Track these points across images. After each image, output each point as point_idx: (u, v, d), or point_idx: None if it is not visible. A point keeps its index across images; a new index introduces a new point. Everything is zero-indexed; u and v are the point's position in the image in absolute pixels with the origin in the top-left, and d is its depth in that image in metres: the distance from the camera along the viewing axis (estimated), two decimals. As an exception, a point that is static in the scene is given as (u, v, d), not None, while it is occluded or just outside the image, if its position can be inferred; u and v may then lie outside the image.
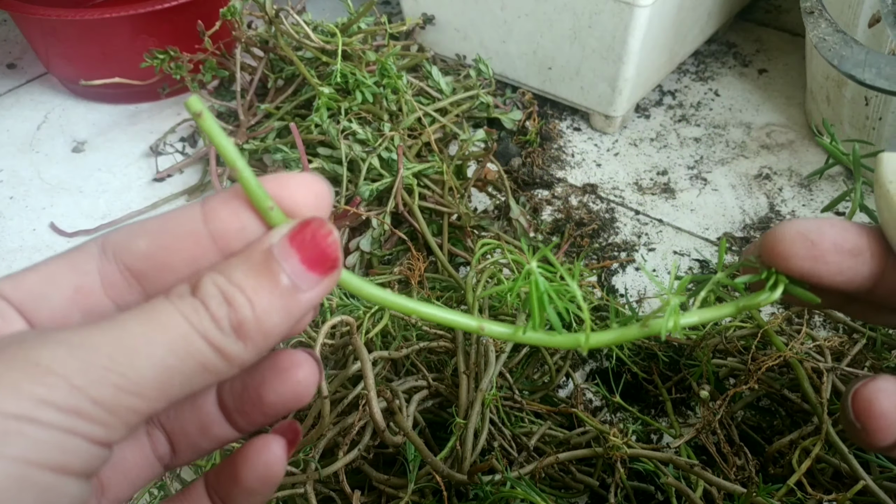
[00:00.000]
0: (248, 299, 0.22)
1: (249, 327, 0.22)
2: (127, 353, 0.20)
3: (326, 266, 0.23)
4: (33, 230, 0.88)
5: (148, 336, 0.21)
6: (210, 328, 0.21)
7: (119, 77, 0.97)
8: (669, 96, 1.08)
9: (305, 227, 0.23)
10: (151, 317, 0.21)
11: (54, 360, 0.20)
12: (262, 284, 0.22)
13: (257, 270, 0.22)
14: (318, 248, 0.23)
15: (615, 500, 0.54)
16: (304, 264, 0.23)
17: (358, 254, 0.76)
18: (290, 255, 0.23)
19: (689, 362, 0.67)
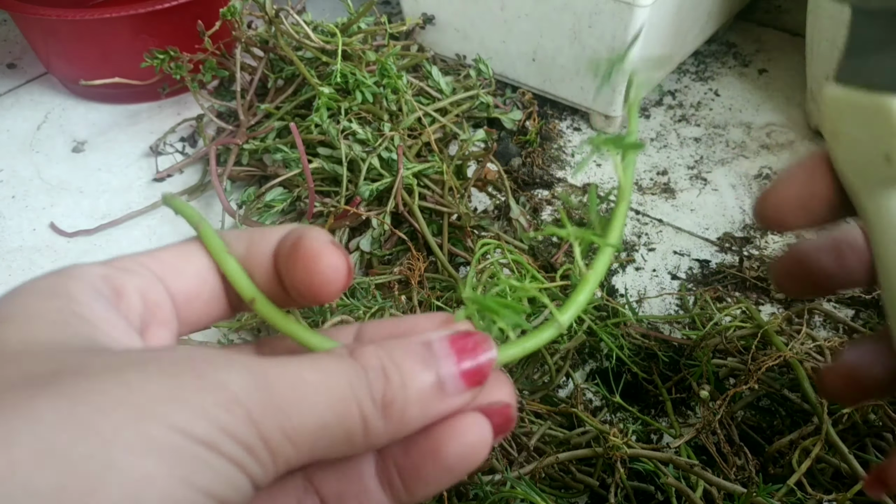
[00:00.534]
0: (403, 381, 0.22)
1: (395, 408, 0.21)
2: (298, 399, 0.20)
3: (478, 381, 0.23)
4: (33, 230, 0.88)
5: (318, 388, 0.20)
6: (365, 397, 0.21)
7: (119, 77, 0.96)
8: (669, 96, 1.08)
9: (469, 335, 0.23)
10: (322, 369, 0.21)
11: (241, 389, 0.19)
12: (416, 371, 0.22)
13: (415, 357, 0.22)
14: (476, 360, 0.23)
15: (615, 500, 0.54)
16: (458, 370, 0.22)
17: (358, 254, 0.76)
18: (448, 356, 0.22)
19: (689, 362, 0.67)
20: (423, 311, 0.67)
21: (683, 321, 0.74)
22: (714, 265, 0.82)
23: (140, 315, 0.23)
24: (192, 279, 0.25)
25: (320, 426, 0.20)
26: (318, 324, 0.65)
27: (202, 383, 0.19)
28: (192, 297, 0.25)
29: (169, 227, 0.88)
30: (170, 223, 0.89)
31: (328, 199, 0.80)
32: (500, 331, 0.25)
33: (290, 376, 0.20)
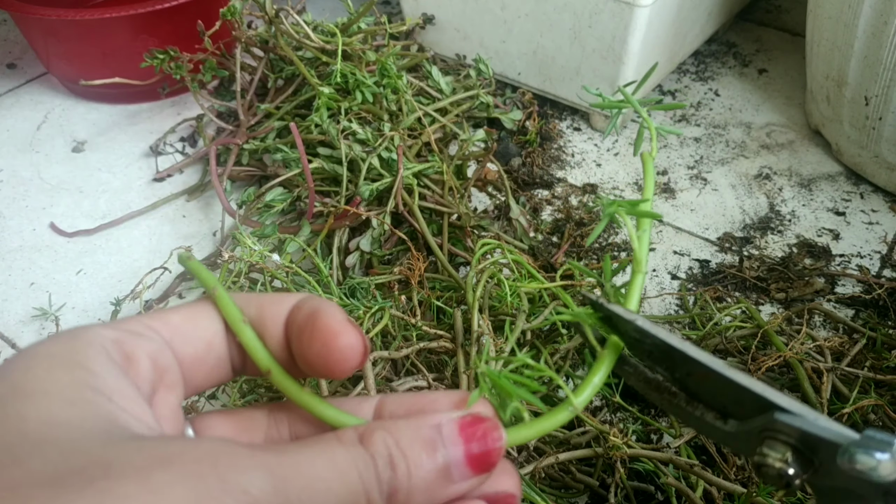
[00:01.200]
0: (409, 471, 0.22)
1: (400, 497, 0.22)
2: (311, 493, 0.20)
3: (485, 468, 0.23)
4: (33, 230, 0.88)
5: (331, 485, 0.21)
6: (374, 488, 0.21)
7: (119, 77, 0.96)
8: (669, 96, 1.08)
9: (480, 421, 0.23)
10: (334, 462, 0.21)
11: (261, 493, 0.19)
12: (423, 460, 0.22)
13: (423, 444, 0.22)
14: (485, 447, 0.23)
15: (615, 500, 0.54)
16: (465, 457, 0.22)
17: (358, 254, 0.76)
18: (456, 443, 0.22)
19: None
20: (422, 311, 0.67)
21: (683, 321, 0.74)
22: (714, 265, 0.82)
23: (150, 381, 0.24)
24: (199, 344, 0.25)
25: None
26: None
27: (225, 487, 0.19)
28: (198, 361, 0.26)
29: (169, 227, 0.88)
30: (170, 223, 0.89)
31: (328, 199, 0.80)
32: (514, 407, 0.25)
33: (305, 474, 0.21)
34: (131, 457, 0.19)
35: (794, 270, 0.80)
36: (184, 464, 0.19)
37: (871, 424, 0.59)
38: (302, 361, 0.25)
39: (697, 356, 0.25)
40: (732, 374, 0.24)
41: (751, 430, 0.24)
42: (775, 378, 0.64)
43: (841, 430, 0.23)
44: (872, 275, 0.80)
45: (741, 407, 0.25)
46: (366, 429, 0.22)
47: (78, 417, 0.20)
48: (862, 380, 0.59)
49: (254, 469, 0.20)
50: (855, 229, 0.86)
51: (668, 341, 0.25)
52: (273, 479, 0.20)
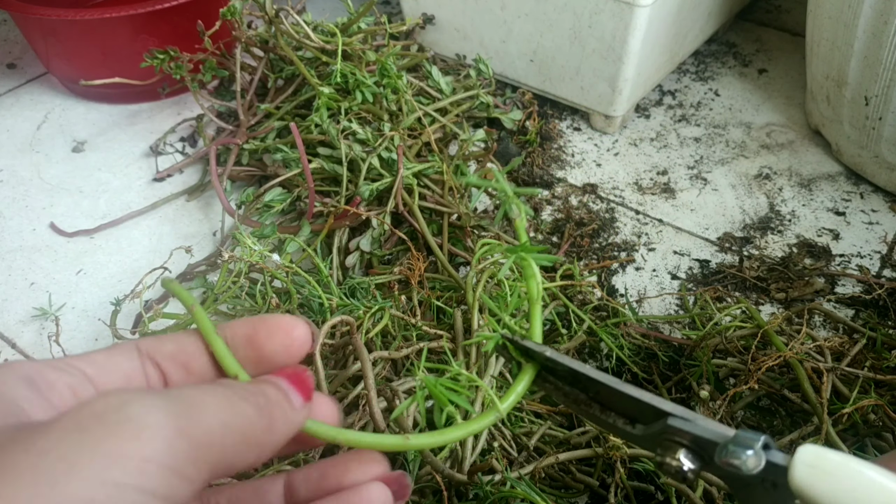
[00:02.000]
0: (265, 396, 0.27)
1: (267, 414, 0.26)
2: (197, 407, 0.24)
3: (306, 392, 0.29)
4: (33, 230, 0.88)
5: (209, 397, 0.25)
6: (248, 408, 0.26)
7: (119, 77, 0.96)
8: (669, 96, 1.08)
9: (287, 368, 0.30)
10: (209, 388, 0.26)
11: (147, 414, 0.22)
12: (269, 388, 0.28)
13: (260, 383, 0.28)
14: (299, 377, 0.29)
15: (615, 500, 0.54)
16: (292, 385, 0.29)
17: (358, 254, 0.76)
18: (280, 379, 0.29)
19: (689, 362, 0.67)
20: (422, 311, 0.67)
21: (683, 321, 0.74)
22: (714, 265, 0.82)
23: (70, 406, 0.26)
24: (119, 377, 0.28)
25: (222, 425, 0.24)
26: (318, 324, 0.65)
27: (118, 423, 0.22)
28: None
29: (169, 226, 0.88)
30: (170, 223, 0.89)
31: (328, 199, 0.80)
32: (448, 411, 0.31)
33: (186, 394, 0.25)
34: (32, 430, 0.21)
35: (794, 270, 0.80)
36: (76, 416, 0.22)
37: (871, 424, 0.59)
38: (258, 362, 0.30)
39: (598, 377, 0.30)
40: (628, 389, 0.29)
41: (653, 434, 0.29)
42: (775, 378, 0.64)
43: (721, 431, 0.27)
44: (872, 275, 0.80)
45: (643, 414, 0.29)
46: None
47: None
48: (862, 380, 0.59)
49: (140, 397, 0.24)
50: (855, 229, 0.86)
51: (573, 367, 0.30)
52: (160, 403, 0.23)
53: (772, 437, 0.61)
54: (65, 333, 0.75)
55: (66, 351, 0.73)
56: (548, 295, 0.70)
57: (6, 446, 0.20)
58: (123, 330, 0.73)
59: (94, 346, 0.76)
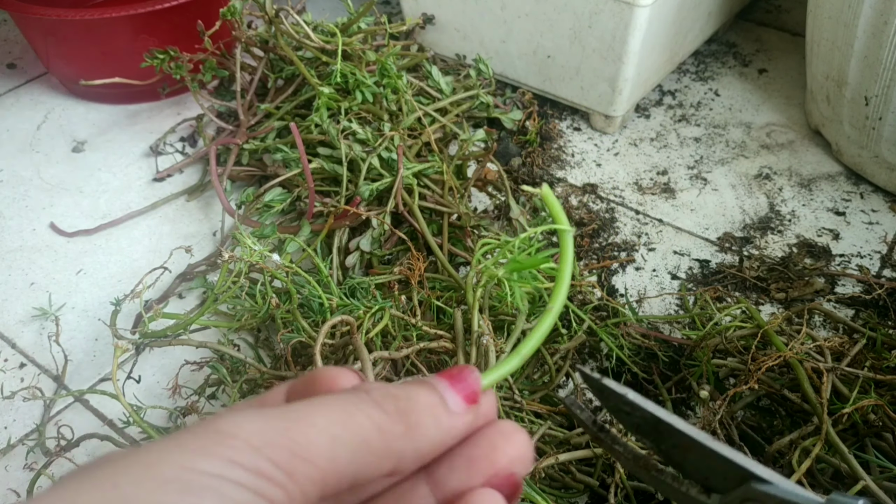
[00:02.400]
0: (409, 395, 0.24)
1: (413, 424, 0.24)
2: (299, 422, 0.22)
3: (470, 396, 0.26)
4: (33, 230, 0.88)
5: (315, 410, 0.23)
6: (372, 409, 0.23)
7: (119, 77, 0.96)
8: (669, 96, 1.08)
9: (452, 368, 0.26)
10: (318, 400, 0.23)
11: (235, 426, 0.21)
12: (420, 391, 0.25)
13: (411, 384, 0.25)
14: (462, 379, 0.26)
15: (615, 501, 0.54)
16: (450, 387, 0.25)
17: (358, 254, 0.76)
18: (441, 381, 0.26)
19: (689, 362, 0.67)
20: (422, 311, 0.67)
21: (683, 321, 0.74)
22: (714, 265, 0.82)
23: None
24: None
25: (331, 438, 0.22)
26: (318, 323, 0.65)
27: (198, 433, 0.21)
28: None
29: (169, 226, 0.88)
30: (169, 223, 0.89)
31: (328, 199, 0.80)
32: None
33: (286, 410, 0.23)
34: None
35: (794, 270, 0.80)
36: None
37: (870, 424, 0.59)
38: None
39: (683, 428, 0.27)
40: (715, 446, 0.26)
41: (732, 502, 0.26)
42: (775, 378, 0.64)
43: (812, 497, 0.24)
44: (872, 275, 0.80)
45: (723, 478, 0.26)
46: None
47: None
48: (862, 380, 0.59)
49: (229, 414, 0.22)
50: (855, 229, 0.86)
51: (657, 414, 0.27)
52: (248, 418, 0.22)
53: (771, 436, 0.61)
54: (65, 333, 0.75)
55: (67, 352, 0.73)
56: (548, 295, 0.70)
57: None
58: (123, 330, 0.73)
59: (94, 347, 0.76)
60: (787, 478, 0.25)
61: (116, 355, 0.63)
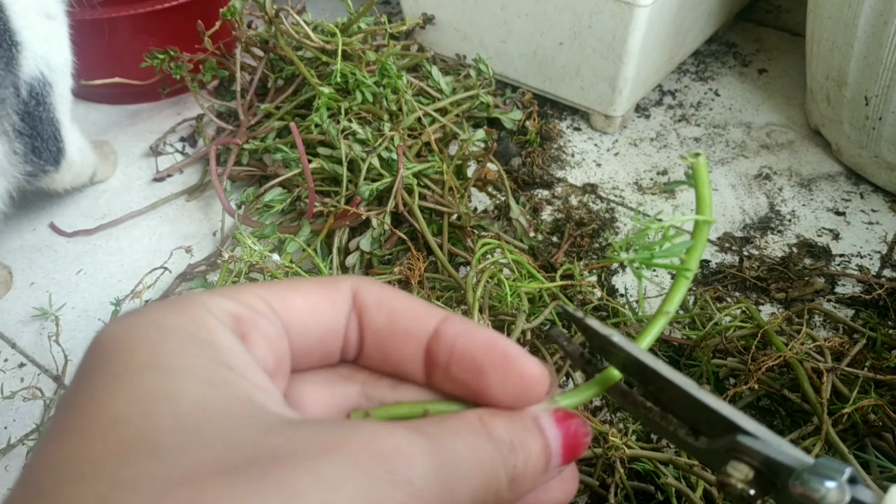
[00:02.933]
0: (526, 458, 0.23)
1: (519, 483, 0.23)
2: (460, 482, 0.21)
3: (572, 458, 0.24)
4: (33, 230, 0.88)
5: (472, 469, 0.21)
6: (501, 472, 0.22)
7: (119, 77, 0.96)
8: (669, 96, 1.08)
9: (572, 417, 0.24)
10: (472, 447, 0.22)
11: (423, 481, 0.20)
12: (536, 449, 0.23)
13: (531, 433, 0.23)
14: (576, 440, 0.24)
15: (615, 500, 0.54)
16: (563, 446, 0.24)
17: (358, 253, 0.76)
18: (557, 438, 0.24)
19: (689, 362, 0.67)
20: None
21: (683, 321, 0.74)
22: (714, 265, 0.82)
23: (265, 365, 0.23)
24: (314, 337, 0.24)
25: (471, 502, 0.21)
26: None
27: (392, 479, 0.19)
28: (306, 354, 0.25)
29: (169, 226, 0.88)
30: (170, 223, 0.89)
31: (328, 199, 0.80)
32: None
33: (455, 459, 0.21)
34: (294, 446, 0.19)
35: (794, 270, 0.80)
36: (350, 454, 0.19)
37: (870, 424, 0.59)
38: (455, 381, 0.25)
39: (668, 375, 0.25)
40: (700, 395, 0.25)
41: (718, 449, 0.25)
42: (775, 378, 0.64)
43: (799, 456, 0.24)
44: (872, 275, 0.80)
45: (710, 426, 0.26)
46: (484, 414, 0.23)
47: (222, 399, 0.20)
48: (862, 380, 0.59)
49: (416, 457, 0.20)
50: (855, 229, 0.86)
51: (641, 358, 0.26)
52: (432, 466, 0.20)
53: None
54: (65, 333, 0.75)
55: (67, 352, 0.73)
56: (548, 295, 0.70)
57: (285, 461, 0.19)
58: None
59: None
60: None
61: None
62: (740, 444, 0.24)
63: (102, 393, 0.20)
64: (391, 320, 0.25)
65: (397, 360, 0.25)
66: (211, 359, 0.21)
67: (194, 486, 0.17)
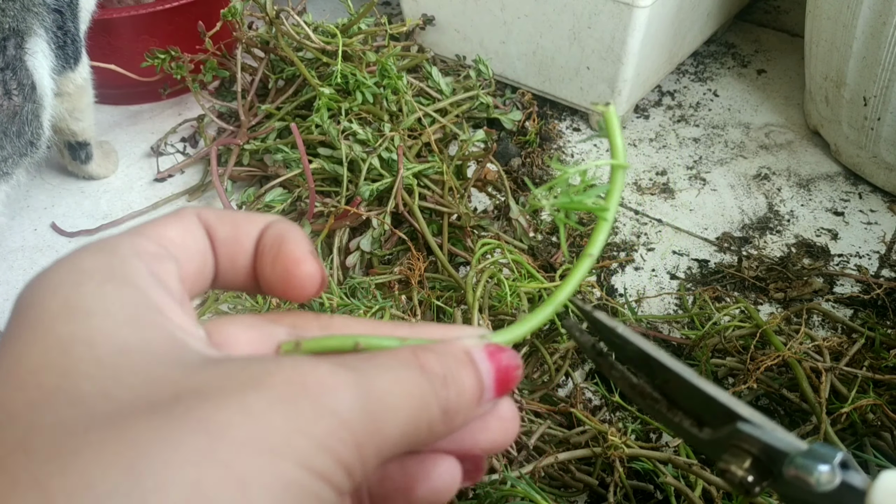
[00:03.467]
0: (459, 390, 0.23)
1: (452, 415, 0.23)
2: (389, 415, 0.21)
3: (504, 391, 0.25)
4: (34, 230, 0.88)
5: (402, 402, 0.21)
6: (433, 405, 0.22)
7: (119, 75, 0.96)
8: (668, 97, 1.08)
9: (503, 350, 0.25)
10: (398, 378, 0.22)
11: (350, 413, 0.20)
12: (467, 381, 0.23)
13: (464, 367, 0.23)
14: (508, 373, 0.24)
15: (614, 500, 0.55)
16: (495, 379, 0.24)
17: (358, 254, 0.76)
18: (487, 367, 0.24)
19: (688, 362, 0.67)
20: (423, 311, 0.67)
21: (682, 321, 0.74)
22: (713, 265, 0.83)
23: (178, 297, 0.23)
24: (197, 260, 0.25)
25: (401, 435, 0.21)
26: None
27: (316, 409, 0.19)
28: (194, 276, 0.25)
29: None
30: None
31: (328, 200, 0.80)
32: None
33: (382, 391, 0.21)
34: (218, 382, 0.19)
35: (793, 270, 0.81)
36: (274, 386, 0.19)
37: (869, 424, 0.59)
38: (263, 281, 0.25)
39: (671, 365, 0.26)
40: (701, 384, 0.26)
41: (721, 439, 0.26)
42: (774, 378, 0.64)
43: (794, 442, 0.25)
44: (871, 275, 0.80)
45: (712, 416, 0.26)
46: (417, 349, 0.23)
47: (144, 340, 0.20)
48: (860, 379, 0.60)
49: (340, 388, 0.20)
50: (853, 229, 0.87)
51: (645, 349, 0.27)
52: (358, 398, 0.20)
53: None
54: (66, 333, 0.75)
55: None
56: (547, 295, 0.70)
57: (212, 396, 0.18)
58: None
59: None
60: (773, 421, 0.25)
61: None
62: (740, 433, 0.25)
63: (19, 342, 0.19)
64: (234, 227, 0.25)
65: (240, 266, 0.26)
66: (130, 299, 0.21)
67: (117, 426, 0.17)
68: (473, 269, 0.64)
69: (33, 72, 0.70)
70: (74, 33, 0.78)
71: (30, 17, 0.69)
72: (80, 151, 0.90)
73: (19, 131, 0.70)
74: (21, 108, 0.69)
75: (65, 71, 0.78)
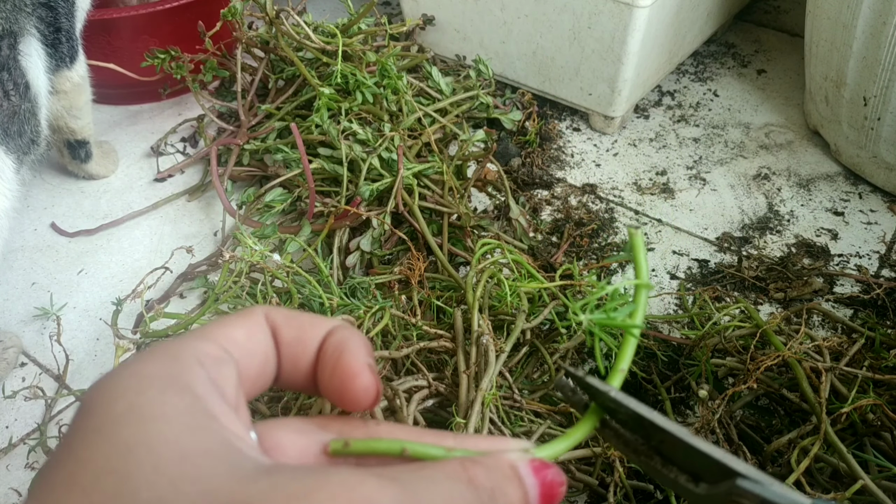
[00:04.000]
0: (505, 492, 0.24)
1: None
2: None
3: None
4: (34, 230, 0.88)
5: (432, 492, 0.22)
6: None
7: (118, 74, 0.97)
8: (668, 97, 1.08)
9: (548, 467, 0.25)
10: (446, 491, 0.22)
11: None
12: (515, 495, 0.24)
13: (510, 480, 0.24)
14: (553, 490, 0.25)
15: (614, 500, 0.55)
16: (540, 495, 0.25)
17: (358, 253, 0.76)
18: (533, 483, 0.25)
19: (688, 362, 0.67)
20: (422, 310, 0.67)
21: (682, 321, 0.74)
22: (713, 265, 0.83)
23: (234, 402, 0.24)
24: (258, 362, 0.26)
25: None
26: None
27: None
28: (254, 379, 0.26)
29: (170, 226, 0.89)
30: (171, 223, 0.89)
31: (328, 199, 0.80)
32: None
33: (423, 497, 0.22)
34: (269, 494, 0.20)
35: (793, 270, 0.81)
36: (322, 501, 0.20)
37: (869, 424, 0.59)
38: (322, 387, 0.27)
39: (666, 426, 0.27)
40: (697, 443, 0.27)
41: (719, 494, 0.27)
42: (774, 378, 0.64)
43: (795, 497, 0.25)
44: (871, 274, 0.80)
45: (708, 472, 0.27)
46: (465, 462, 0.24)
47: (200, 446, 0.21)
48: (860, 379, 0.59)
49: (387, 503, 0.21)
50: (853, 229, 0.87)
51: (639, 412, 0.28)
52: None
53: (770, 435, 0.62)
54: (66, 333, 0.76)
55: (68, 351, 0.73)
56: (547, 294, 0.70)
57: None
58: (125, 329, 0.73)
59: (96, 346, 0.76)
60: (779, 477, 0.25)
61: (118, 355, 0.64)
62: (739, 488, 0.26)
63: (83, 447, 0.20)
64: (300, 330, 0.27)
65: (302, 367, 0.27)
66: (189, 404, 0.22)
67: None
68: (473, 269, 0.64)
69: (27, 71, 0.70)
70: (69, 31, 0.78)
71: (22, 17, 0.69)
72: (80, 150, 0.90)
73: (20, 130, 0.70)
74: (19, 108, 0.69)
75: (60, 69, 0.78)
